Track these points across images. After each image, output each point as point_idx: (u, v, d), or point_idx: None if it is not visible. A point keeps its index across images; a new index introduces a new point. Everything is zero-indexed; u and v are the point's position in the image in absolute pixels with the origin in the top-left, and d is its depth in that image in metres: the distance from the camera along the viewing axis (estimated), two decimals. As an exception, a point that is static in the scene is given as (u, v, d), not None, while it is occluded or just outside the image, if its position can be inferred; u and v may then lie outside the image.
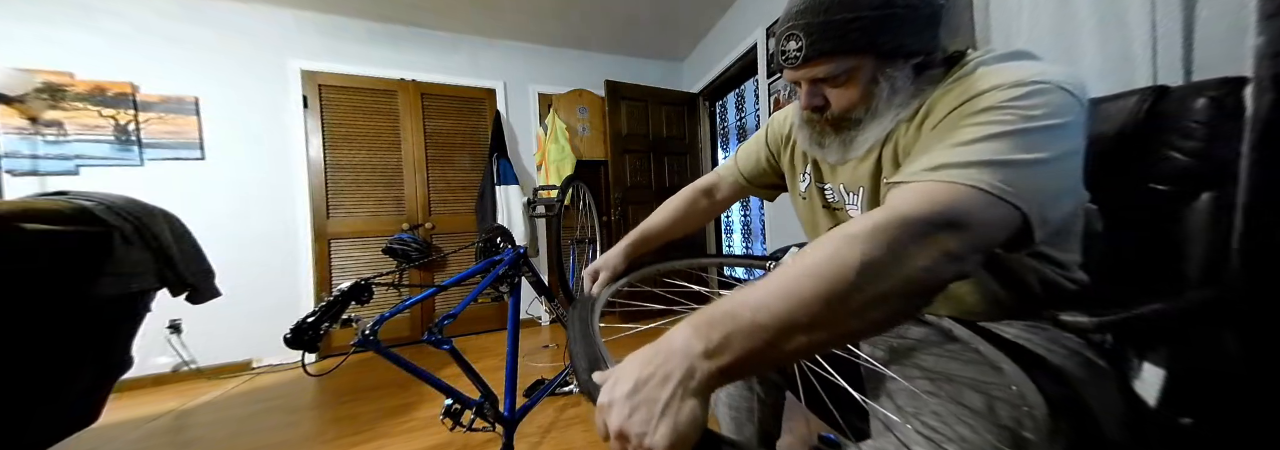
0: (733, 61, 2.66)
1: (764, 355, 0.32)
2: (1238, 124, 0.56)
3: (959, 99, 0.47)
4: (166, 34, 2.23)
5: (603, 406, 0.32)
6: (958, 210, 0.36)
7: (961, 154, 0.40)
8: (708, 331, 0.32)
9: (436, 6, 2.53)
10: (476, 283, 1.16)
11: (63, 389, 1.00)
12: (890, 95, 0.53)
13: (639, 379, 0.31)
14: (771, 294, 0.33)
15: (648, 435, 0.29)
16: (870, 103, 0.54)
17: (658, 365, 0.32)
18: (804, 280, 0.33)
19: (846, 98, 0.54)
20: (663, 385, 0.31)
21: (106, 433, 1.55)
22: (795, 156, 0.75)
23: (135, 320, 1.14)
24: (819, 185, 0.70)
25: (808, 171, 0.71)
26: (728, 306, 0.33)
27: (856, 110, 0.55)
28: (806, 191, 0.72)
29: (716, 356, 0.31)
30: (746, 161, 0.86)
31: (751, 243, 3.76)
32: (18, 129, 1.97)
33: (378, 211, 2.64)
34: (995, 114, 0.43)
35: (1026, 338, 0.55)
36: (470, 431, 1.03)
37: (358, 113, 2.62)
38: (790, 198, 0.80)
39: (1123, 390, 0.52)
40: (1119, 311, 0.43)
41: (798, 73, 0.55)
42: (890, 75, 0.52)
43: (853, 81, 0.53)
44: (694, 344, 0.32)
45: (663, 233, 0.87)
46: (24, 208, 0.87)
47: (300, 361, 0.87)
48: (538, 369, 2.08)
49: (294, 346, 0.72)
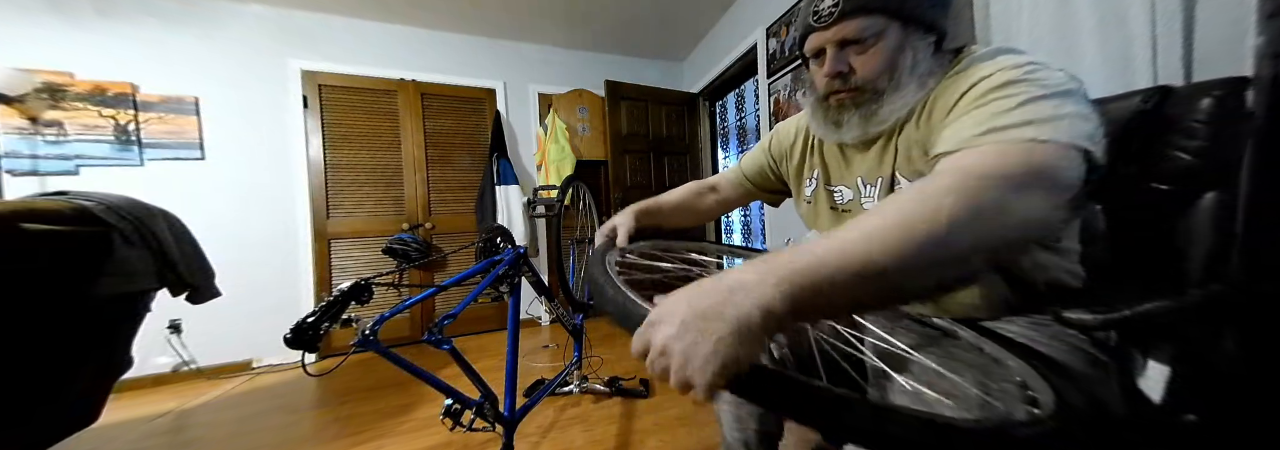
0: (733, 61, 2.66)
1: (835, 302, 0.31)
2: (1241, 124, 0.56)
3: (968, 83, 0.49)
4: (167, 34, 2.23)
5: (654, 322, 0.31)
6: (1039, 164, 0.37)
7: (1008, 118, 0.42)
8: (786, 274, 0.30)
9: (436, 6, 2.53)
10: (476, 283, 1.16)
11: (63, 389, 1.00)
12: (912, 68, 0.54)
13: (700, 307, 0.29)
14: (854, 242, 0.31)
15: (690, 362, 0.28)
16: (894, 72, 0.55)
17: (724, 298, 0.29)
18: (892, 230, 0.32)
19: (872, 64, 0.55)
20: (720, 318, 0.28)
21: (106, 433, 1.55)
22: (803, 163, 0.75)
23: (135, 320, 1.14)
24: (827, 188, 0.70)
25: (815, 176, 0.72)
26: (811, 252, 0.31)
27: (880, 79, 0.55)
28: (812, 195, 0.72)
29: (790, 301, 0.29)
30: (750, 166, 0.87)
31: (751, 243, 3.76)
32: (18, 129, 1.97)
33: (378, 211, 2.64)
34: (1017, 87, 0.45)
35: (1028, 335, 0.54)
36: (470, 431, 1.03)
37: (358, 113, 2.61)
38: (794, 204, 0.81)
39: (1126, 387, 0.52)
40: (1123, 309, 0.43)
41: (828, 32, 0.56)
42: (914, 46, 0.54)
43: (879, 48, 0.54)
44: (767, 281, 0.30)
45: (669, 212, 0.87)
46: (24, 208, 0.87)
47: (300, 361, 0.87)
48: (538, 369, 2.08)
49: (294, 346, 0.72)
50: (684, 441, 1.37)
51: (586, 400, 1.69)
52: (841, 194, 0.68)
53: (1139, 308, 0.43)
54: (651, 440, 1.39)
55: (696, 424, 1.46)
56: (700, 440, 1.36)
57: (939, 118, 0.51)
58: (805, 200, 0.75)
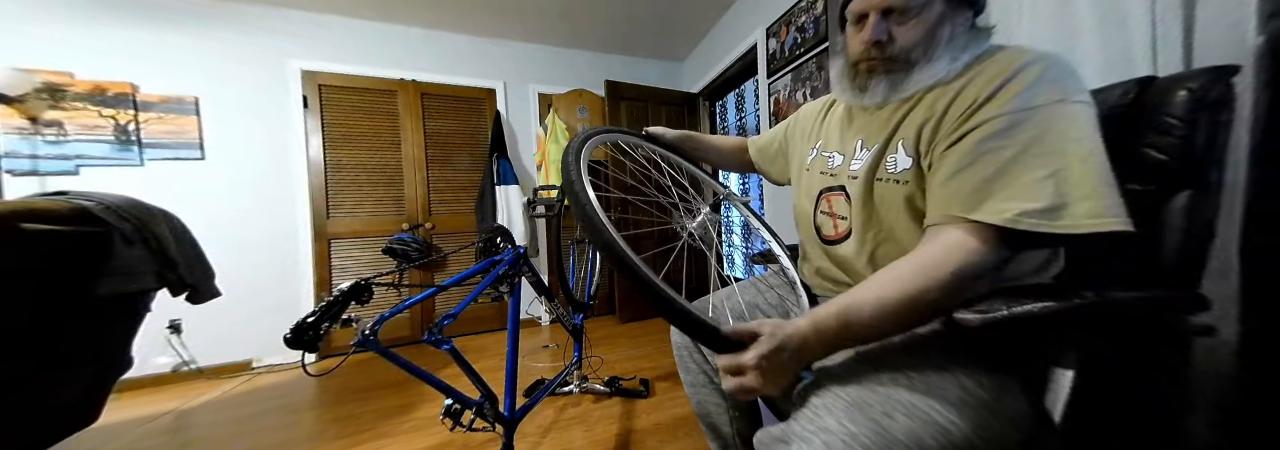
0: (733, 61, 2.66)
1: (849, 343, 0.51)
2: (1221, 117, 0.54)
3: (1001, 80, 0.51)
4: (167, 34, 2.23)
5: (750, 359, 0.47)
6: (992, 257, 0.48)
7: (994, 188, 0.48)
8: (824, 328, 0.48)
9: (436, 6, 2.53)
10: (476, 283, 1.16)
11: (63, 389, 1.00)
12: (948, 42, 0.56)
13: (775, 348, 0.47)
14: (867, 304, 0.48)
15: (764, 386, 0.47)
16: (930, 44, 0.56)
17: (790, 345, 0.48)
18: (890, 305, 0.47)
19: (911, 35, 0.57)
20: (782, 355, 0.48)
21: (106, 433, 1.55)
22: (813, 133, 0.80)
23: (135, 320, 1.14)
24: (823, 154, 0.74)
25: (817, 146, 0.76)
26: (838, 311, 0.48)
27: (916, 50, 0.57)
28: (812, 163, 0.76)
29: (824, 345, 0.49)
30: (766, 138, 0.97)
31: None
32: (18, 129, 1.97)
33: (378, 211, 2.64)
34: (1022, 131, 0.48)
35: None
36: (470, 431, 1.03)
37: (358, 113, 2.61)
38: (793, 177, 0.85)
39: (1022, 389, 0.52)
40: (1001, 309, 0.43)
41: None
42: (953, 20, 0.56)
43: (923, 19, 0.56)
44: (811, 336, 0.48)
45: (704, 147, 1.04)
46: (24, 208, 0.87)
47: (300, 361, 0.87)
48: (538, 369, 2.08)
49: (294, 346, 0.72)
50: (684, 442, 1.37)
51: (586, 400, 1.69)
52: (833, 159, 0.70)
53: (1017, 309, 0.42)
54: (651, 440, 1.39)
55: (697, 424, 1.46)
56: (700, 440, 1.36)
57: (964, 107, 0.52)
58: (805, 168, 0.78)
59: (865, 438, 0.43)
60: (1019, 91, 0.49)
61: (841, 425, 0.45)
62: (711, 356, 0.82)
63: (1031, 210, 0.44)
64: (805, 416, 0.48)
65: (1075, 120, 0.46)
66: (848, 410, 0.46)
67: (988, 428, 0.45)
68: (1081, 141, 0.45)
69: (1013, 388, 0.50)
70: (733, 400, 0.83)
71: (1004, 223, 0.45)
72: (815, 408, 0.48)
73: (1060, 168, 0.44)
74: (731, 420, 0.83)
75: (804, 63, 2.01)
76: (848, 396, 0.48)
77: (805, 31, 2.01)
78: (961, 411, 0.45)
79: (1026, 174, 0.46)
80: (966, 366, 0.50)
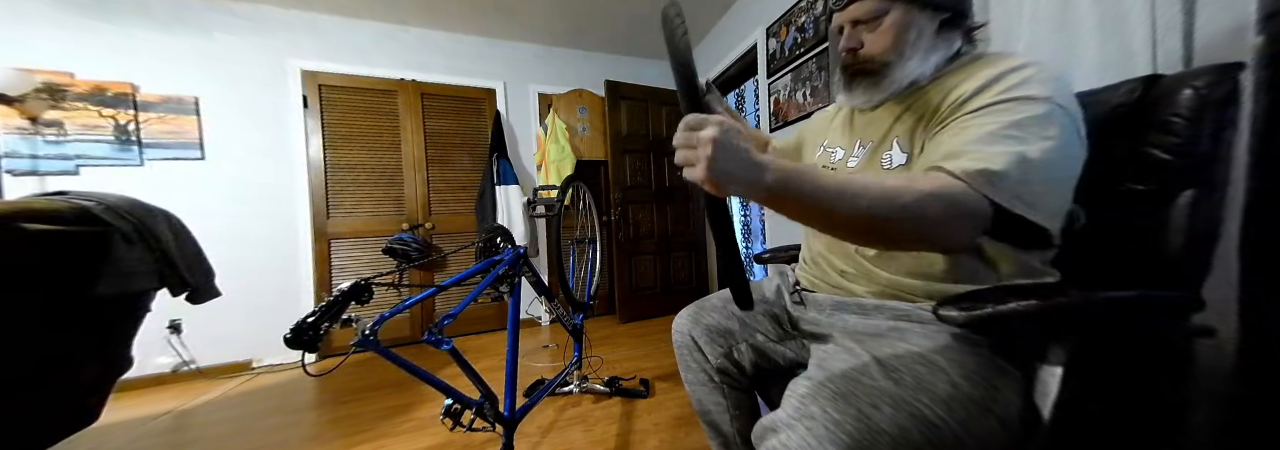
0: (733, 61, 2.66)
1: (789, 204, 0.45)
2: (1226, 115, 0.54)
3: (984, 79, 0.55)
4: (166, 34, 2.23)
5: (710, 135, 0.42)
6: (972, 206, 0.47)
7: (980, 145, 0.50)
8: (791, 176, 0.44)
9: (436, 6, 2.53)
10: (476, 283, 1.16)
11: (63, 389, 1.00)
12: (915, 42, 0.61)
13: (734, 149, 0.42)
14: (833, 185, 0.44)
15: (711, 162, 0.41)
16: (899, 47, 0.62)
17: (749, 162, 0.43)
18: (861, 197, 0.44)
19: (879, 41, 0.63)
20: (738, 164, 0.42)
21: (106, 433, 1.55)
22: (821, 134, 0.86)
23: (135, 320, 1.14)
24: (827, 149, 0.79)
25: (825, 142, 0.82)
26: (806, 172, 0.45)
27: (886, 53, 0.63)
28: (818, 159, 0.81)
29: (772, 184, 0.43)
30: (783, 140, 1.03)
31: (751, 242, 3.76)
32: (18, 129, 1.97)
33: (378, 211, 2.64)
34: (1005, 110, 0.51)
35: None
36: (470, 431, 1.03)
37: (358, 113, 2.61)
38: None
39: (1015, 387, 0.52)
40: (986, 307, 0.43)
41: (843, 13, 0.66)
42: (919, 25, 0.61)
43: (885, 26, 0.62)
44: (766, 165, 0.43)
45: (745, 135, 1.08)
46: (24, 208, 0.87)
47: (300, 361, 0.87)
48: (538, 369, 2.08)
49: (294, 346, 0.72)
50: (684, 441, 1.37)
51: (586, 400, 1.69)
52: (835, 154, 0.76)
53: (1001, 307, 0.43)
54: (651, 440, 1.39)
55: (697, 424, 1.46)
56: (700, 440, 1.36)
57: (953, 100, 0.56)
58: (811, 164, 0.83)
59: (849, 425, 0.44)
60: (1012, 85, 0.52)
61: (826, 413, 0.46)
62: (712, 356, 0.83)
63: (984, 170, 0.46)
64: (792, 405, 0.50)
65: (1057, 122, 0.49)
66: (833, 399, 0.48)
67: (976, 424, 0.46)
68: (1051, 139, 0.48)
69: (1004, 386, 0.50)
70: (733, 399, 0.84)
71: (963, 174, 0.47)
72: (802, 397, 0.50)
73: (1025, 151, 0.47)
74: (732, 419, 0.84)
75: (804, 63, 2.01)
76: (834, 386, 0.50)
77: (805, 31, 2.01)
78: (950, 407, 0.46)
79: (998, 145, 0.48)
80: (958, 364, 0.51)
